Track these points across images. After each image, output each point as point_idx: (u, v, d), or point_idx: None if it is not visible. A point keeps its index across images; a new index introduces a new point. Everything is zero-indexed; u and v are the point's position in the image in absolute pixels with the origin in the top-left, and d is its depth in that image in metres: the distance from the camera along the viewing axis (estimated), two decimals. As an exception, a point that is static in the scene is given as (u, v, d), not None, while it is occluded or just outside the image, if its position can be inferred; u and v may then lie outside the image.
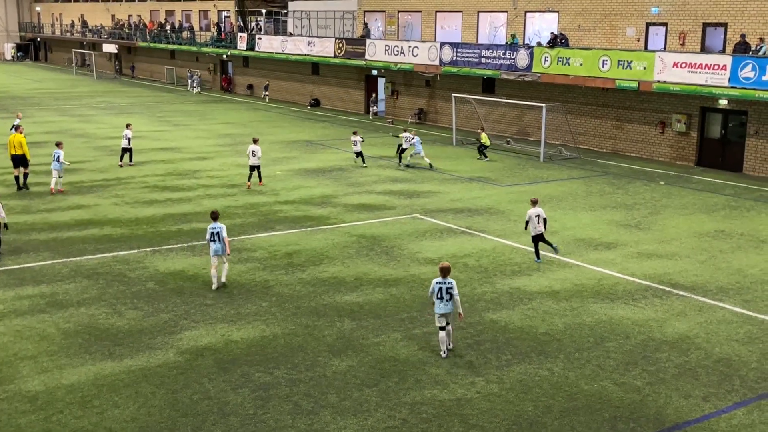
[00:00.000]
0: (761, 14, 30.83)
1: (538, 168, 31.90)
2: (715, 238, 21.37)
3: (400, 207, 24.51)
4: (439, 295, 13.26)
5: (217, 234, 16.60)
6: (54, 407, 11.63)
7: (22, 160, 26.37)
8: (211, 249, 16.72)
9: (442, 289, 13.25)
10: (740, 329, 15.00)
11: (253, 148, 27.04)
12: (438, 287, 13.26)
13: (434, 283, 13.34)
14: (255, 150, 26.99)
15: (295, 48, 52.17)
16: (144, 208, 23.88)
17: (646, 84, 31.73)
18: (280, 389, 12.30)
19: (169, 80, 71.74)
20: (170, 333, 14.43)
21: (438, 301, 13.30)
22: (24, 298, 16.12)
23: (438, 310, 13.36)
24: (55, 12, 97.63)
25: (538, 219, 18.75)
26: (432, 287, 13.37)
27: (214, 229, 16.63)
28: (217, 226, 16.67)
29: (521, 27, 40.80)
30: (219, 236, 16.59)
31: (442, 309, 13.33)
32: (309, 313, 15.51)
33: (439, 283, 13.27)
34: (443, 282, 13.25)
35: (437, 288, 13.27)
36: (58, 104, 53.29)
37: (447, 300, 13.27)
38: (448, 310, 13.36)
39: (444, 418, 11.48)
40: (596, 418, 11.55)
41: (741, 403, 12.09)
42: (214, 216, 16.97)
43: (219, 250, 16.67)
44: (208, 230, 16.75)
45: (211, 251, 16.75)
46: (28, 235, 20.82)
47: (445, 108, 43.28)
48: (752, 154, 31.19)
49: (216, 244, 16.63)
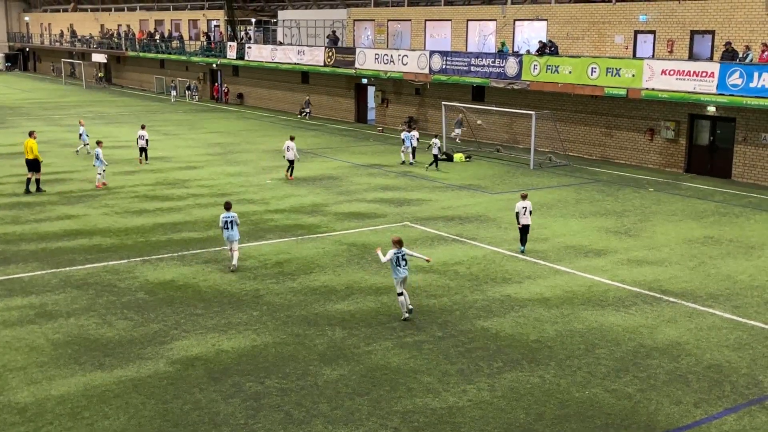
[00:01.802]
0: (748, 22, 31.05)
1: (528, 175, 31.98)
2: (705, 245, 21.45)
3: (390, 215, 24.51)
4: (397, 262, 15.24)
5: (231, 222, 18.34)
6: (44, 419, 11.55)
7: (34, 164, 27.35)
8: (226, 234, 18.46)
9: (399, 257, 15.26)
10: (730, 335, 15.05)
11: (289, 144, 29.97)
12: (396, 256, 15.25)
13: (392, 254, 15.25)
14: (290, 146, 29.92)
15: (284, 57, 52.21)
16: (134, 218, 23.80)
17: (634, 91, 31.89)
18: (271, 399, 12.26)
19: (159, 90, 71.66)
20: (160, 343, 14.37)
21: (398, 267, 15.27)
22: (13, 309, 16.03)
23: (399, 275, 15.33)
24: (44, 22, 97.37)
25: (525, 210, 20.10)
26: (390, 257, 15.24)
27: (228, 218, 18.35)
28: (231, 215, 18.43)
29: (510, 35, 40.95)
30: (233, 224, 18.34)
31: (402, 273, 15.33)
32: (300, 322, 15.48)
33: (396, 253, 15.25)
34: (399, 252, 15.27)
35: (395, 257, 15.24)
36: (47, 114, 53.12)
37: (404, 266, 15.33)
38: (406, 274, 15.44)
39: (436, 426, 11.47)
40: (588, 425, 11.56)
41: (732, 408, 12.12)
42: (228, 206, 18.65)
43: (233, 236, 18.41)
44: (222, 219, 18.39)
45: (226, 236, 18.49)
46: (17, 245, 20.72)
47: (435, 116, 43.37)
48: (741, 161, 31.36)
49: (229, 231, 18.36)
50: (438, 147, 32.99)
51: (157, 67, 72.29)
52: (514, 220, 20.68)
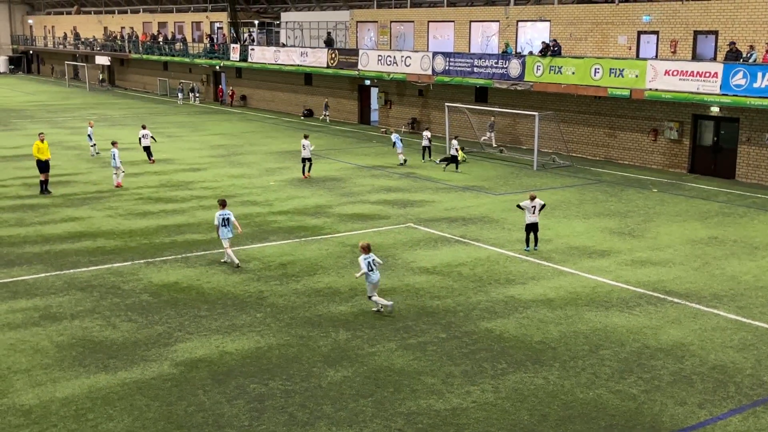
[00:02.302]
0: (751, 22, 31.01)
1: (532, 176, 31.96)
2: (709, 245, 21.42)
3: (394, 216, 24.51)
4: (370, 267, 15.61)
5: (227, 219, 18.77)
6: (48, 421, 11.57)
7: (45, 165, 27.93)
8: (223, 233, 18.81)
9: (370, 262, 15.65)
10: (735, 336, 15.02)
11: (305, 142, 30.64)
12: (366, 262, 15.62)
13: (362, 260, 15.63)
14: (305, 144, 30.58)
15: (287, 59, 52.25)
16: (137, 220, 23.83)
17: (638, 92, 31.85)
18: (275, 400, 12.27)
19: (162, 92, 71.75)
20: (165, 345, 14.39)
21: (370, 273, 15.63)
22: (17, 311, 16.05)
23: (374, 280, 15.71)
24: (48, 25, 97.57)
25: (534, 209, 20.13)
26: (362, 264, 15.58)
27: (224, 215, 18.75)
28: (226, 212, 18.85)
29: (513, 36, 40.94)
30: (229, 221, 18.79)
31: (376, 277, 15.73)
32: (304, 324, 15.48)
33: (366, 259, 15.64)
34: (368, 257, 15.68)
35: (366, 263, 15.61)
36: (50, 116, 53.23)
37: (376, 270, 15.72)
38: (379, 277, 15.84)
39: (440, 427, 11.46)
40: (592, 427, 11.54)
41: (736, 409, 12.10)
42: (223, 203, 19.13)
43: (228, 233, 18.85)
44: (218, 216, 18.77)
45: (222, 234, 18.83)
46: (22, 247, 20.75)
47: (438, 117, 43.36)
48: (744, 161, 31.31)
49: (225, 229, 18.77)
50: (456, 148, 32.95)
51: (161, 70, 72.39)
52: (519, 220, 20.64)
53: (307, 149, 30.67)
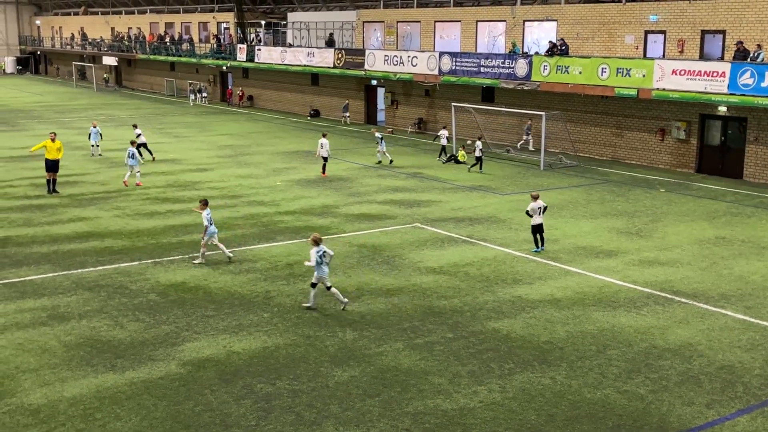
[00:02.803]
0: (759, 21, 30.91)
1: (539, 176, 31.92)
2: (717, 245, 21.36)
3: (401, 216, 24.51)
4: (319, 260, 15.62)
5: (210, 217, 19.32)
6: (56, 420, 11.61)
7: (54, 165, 28.08)
8: (210, 231, 19.18)
9: (320, 255, 15.65)
10: (742, 336, 14.98)
11: (322, 141, 31.02)
12: (318, 255, 15.61)
13: (314, 253, 15.62)
14: (323, 143, 30.96)
15: (294, 59, 52.30)
16: (145, 220, 23.89)
17: (645, 91, 31.78)
18: (282, 400, 12.28)
19: (169, 92, 71.90)
20: (172, 345, 14.42)
21: (319, 266, 15.67)
22: (25, 311, 16.11)
23: (323, 273, 15.77)
24: (55, 25, 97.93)
25: (539, 210, 20.25)
26: (313, 257, 15.60)
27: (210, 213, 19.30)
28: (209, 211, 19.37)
29: (520, 36, 40.90)
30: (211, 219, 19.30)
31: (325, 271, 15.80)
32: (311, 324, 15.50)
33: (317, 252, 15.63)
34: (319, 249, 15.66)
35: (317, 256, 15.60)
36: (58, 117, 53.38)
37: (326, 263, 15.77)
38: (327, 271, 15.92)
39: (447, 427, 11.46)
40: (599, 427, 11.53)
41: (744, 410, 12.07)
42: (206, 203, 19.54)
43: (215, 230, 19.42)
44: (206, 216, 19.13)
45: (210, 233, 19.19)
46: (30, 247, 20.82)
47: (445, 117, 43.35)
48: (752, 161, 31.21)
49: (214, 227, 19.32)
50: (480, 149, 32.73)
51: (168, 70, 72.55)
52: (525, 221, 20.66)
53: (325, 148, 30.97)
